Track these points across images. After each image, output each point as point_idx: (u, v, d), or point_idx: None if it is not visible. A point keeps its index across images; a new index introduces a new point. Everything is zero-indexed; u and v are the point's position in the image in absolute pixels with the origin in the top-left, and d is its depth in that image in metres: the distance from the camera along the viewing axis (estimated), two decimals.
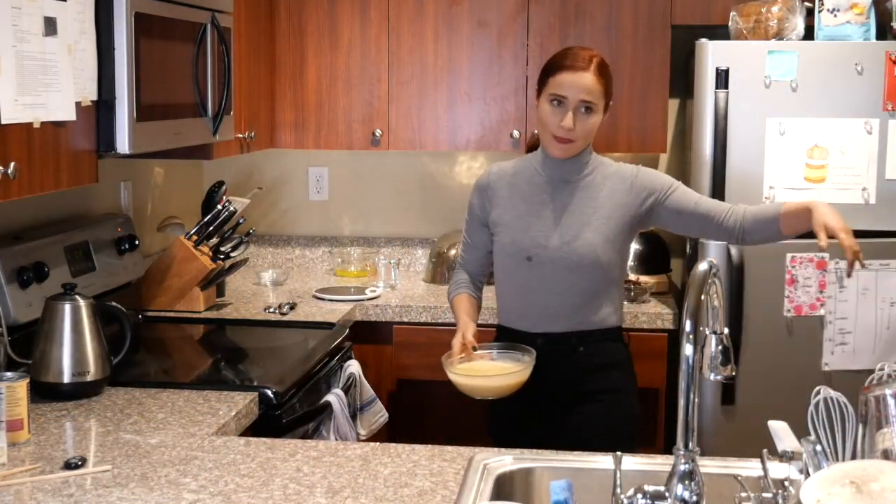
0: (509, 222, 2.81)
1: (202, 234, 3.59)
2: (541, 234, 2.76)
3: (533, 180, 2.82)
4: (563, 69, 2.71)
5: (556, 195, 2.79)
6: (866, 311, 3.49)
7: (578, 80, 2.70)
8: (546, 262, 2.74)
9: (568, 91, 2.69)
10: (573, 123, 2.68)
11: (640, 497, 1.74)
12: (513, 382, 2.60)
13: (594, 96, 2.70)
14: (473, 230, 2.92)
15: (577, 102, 2.69)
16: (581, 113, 2.70)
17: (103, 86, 2.52)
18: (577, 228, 2.74)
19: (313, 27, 4.02)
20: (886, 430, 1.75)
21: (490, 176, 2.90)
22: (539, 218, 2.78)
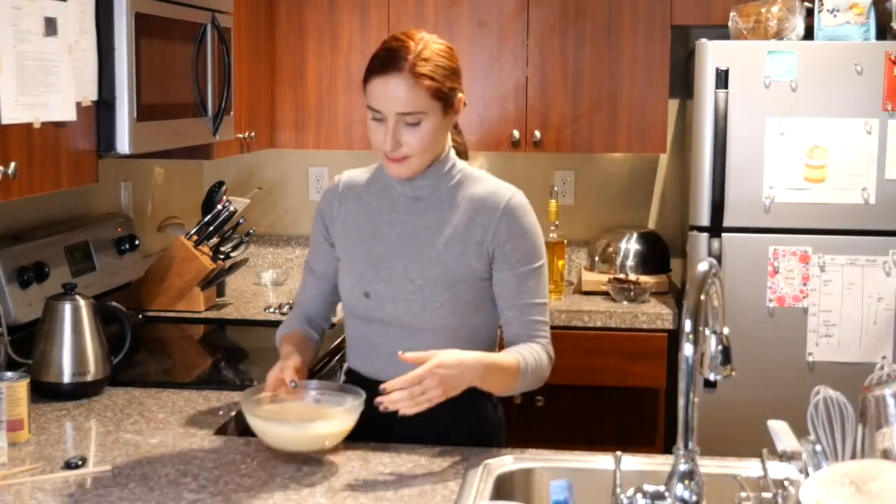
0: (349, 245, 2.32)
1: (202, 234, 3.59)
2: (381, 266, 2.26)
3: (384, 193, 2.31)
4: (375, 73, 2.16)
5: (403, 214, 2.28)
6: (852, 305, 3.50)
7: (390, 90, 2.14)
8: (387, 300, 2.25)
9: (380, 104, 2.16)
10: (396, 141, 2.16)
11: (640, 497, 1.74)
12: (327, 432, 2.08)
13: (415, 105, 2.14)
14: (317, 254, 2.39)
15: (395, 117, 2.15)
16: (405, 126, 2.16)
17: (103, 86, 2.51)
18: (424, 263, 2.23)
19: (313, 28, 4.02)
20: (886, 429, 1.76)
21: (340, 184, 2.38)
22: (382, 243, 2.28)
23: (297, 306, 2.46)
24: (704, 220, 3.58)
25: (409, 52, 2.15)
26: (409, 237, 2.26)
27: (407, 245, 2.26)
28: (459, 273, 2.23)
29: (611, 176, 4.32)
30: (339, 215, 2.34)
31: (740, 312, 3.50)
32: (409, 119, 2.15)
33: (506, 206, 2.25)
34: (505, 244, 2.24)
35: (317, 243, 2.39)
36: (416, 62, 2.14)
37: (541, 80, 3.93)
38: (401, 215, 2.28)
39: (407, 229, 2.27)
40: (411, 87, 2.13)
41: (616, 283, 3.86)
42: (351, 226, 2.32)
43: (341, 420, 2.10)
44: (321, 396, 2.21)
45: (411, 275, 2.24)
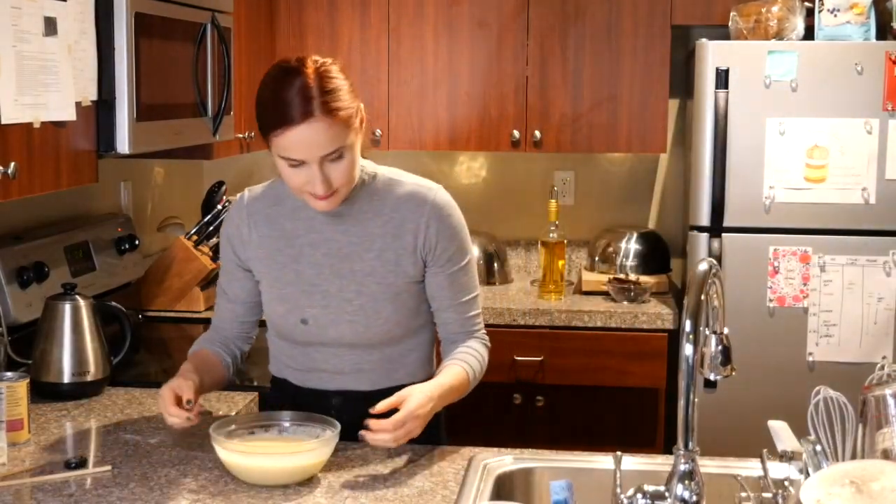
0: (272, 272, 2.21)
1: (202, 234, 3.59)
2: (315, 290, 2.18)
3: (297, 214, 2.21)
4: (285, 125, 2.01)
5: (325, 232, 2.19)
6: (852, 305, 3.50)
7: (307, 137, 2.02)
8: (328, 324, 2.19)
9: (300, 153, 2.03)
10: (327, 182, 2.06)
11: (640, 497, 1.74)
12: (308, 463, 2.00)
13: (336, 142, 2.04)
14: (228, 278, 2.28)
15: (320, 159, 2.05)
16: (329, 164, 2.06)
17: (103, 86, 2.51)
18: (360, 280, 2.17)
19: (313, 27, 4.02)
20: (886, 429, 1.75)
21: (244, 207, 2.25)
22: (311, 266, 2.19)
23: (214, 328, 2.35)
24: (704, 220, 3.58)
25: (312, 91, 2.01)
26: (336, 256, 2.18)
27: (336, 264, 2.18)
28: (399, 283, 2.18)
29: (611, 176, 4.32)
30: (252, 239, 2.22)
31: (740, 312, 3.50)
32: (331, 157, 2.05)
33: (432, 207, 2.19)
34: (436, 247, 2.19)
35: (228, 268, 2.29)
36: (325, 100, 2.02)
37: (541, 80, 3.92)
38: (322, 234, 2.19)
39: (333, 248, 2.18)
40: (328, 128, 2.02)
41: (616, 283, 3.86)
42: (269, 250, 2.21)
43: (319, 451, 2.01)
44: (289, 428, 2.11)
45: (348, 295, 2.17)
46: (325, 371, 2.24)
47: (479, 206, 4.26)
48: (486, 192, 4.32)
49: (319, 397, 2.24)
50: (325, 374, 2.25)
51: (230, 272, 2.29)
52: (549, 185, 4.16)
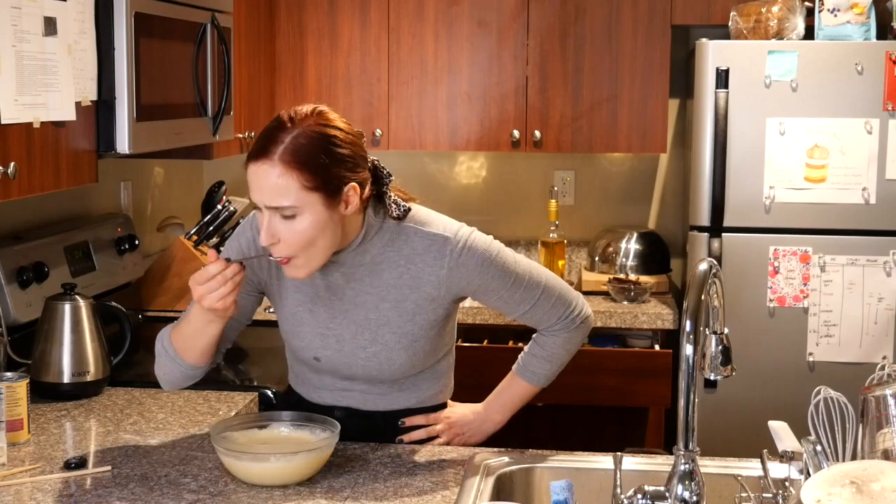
0: (289, 307, 2.17)
1: (202, 234, 3.59)
2: (329, 333, 2.14)
3: None
4: (249, 159, 1.94)
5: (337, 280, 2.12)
6: (852, 305, 3.50)
7: (257, 177, 1.93)
8: (340, 365, 2.17)
9: (253, 193, 1.95)
10: (272, 235, 1.95)
11: (640, 497, 1.74)
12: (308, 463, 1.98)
13: (285, 197, 1.91)
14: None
15: (269, 209, 1.94)
16: (280, 219, 1.94)
17: (103, 86, 2.51)
18: (374, 329, 2.12)
19: (313, 27, 4.02)
20: (887, 430, 1.75)
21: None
22: (326, 309, 2.14)
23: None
24: (704, 220, 3.58)
25: (281, 135, 1.93)
26: (351, 303, 2.12)
27: (351, 311, 2.12)
28: (416, 332, 2.14)
29: (611, 176, 4.32)
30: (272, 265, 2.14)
31: (740, 312, 3.50)
32: (284, 213, 1.93)
33: (447, 253, 2.10)
34: (468, 288, 2.14)
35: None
36: (288, 147, 1.91)
37: (541, 80, 3.92)
38: (335, 281, 2.12)
39: (349, 295, 2.12)
40: (280, 177, 1.91)
41: (616, 283, 3.86)
42: (287, 284, 2.14)
43: (320, 451, 2.00)
44: (291, 427, 2.10)
45: (362, 342, 2.14)
46: (332, 391, 2.24)
47: (479, 206, 4.26)
48: (486, 192, 4.32)
49: (322, 410, 2.20)
50: (331, 394, 2.24)
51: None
52: (549, 185, 4.16)
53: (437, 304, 2.13)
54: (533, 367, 2.31)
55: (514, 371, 2.33)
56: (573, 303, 2.26)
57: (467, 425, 2.31)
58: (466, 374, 2.41)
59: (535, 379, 2.31)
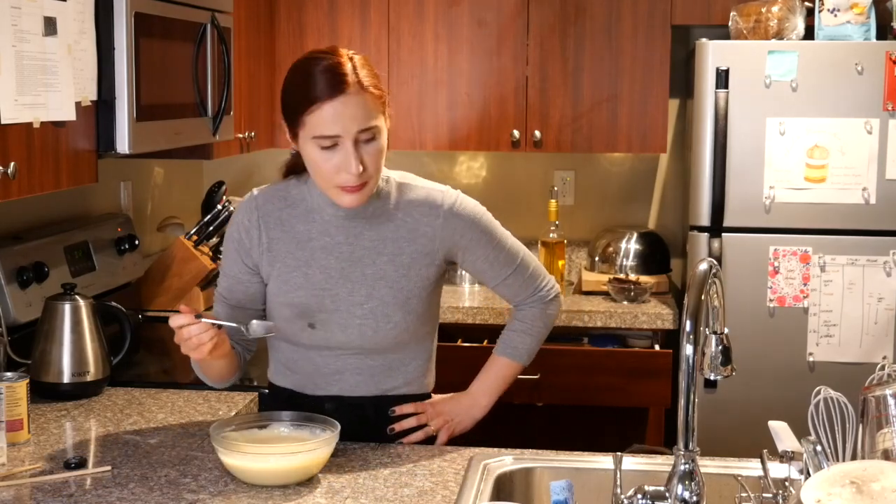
0: (282, 275, 2.18)
1: (202, 234, 3.59)
2: (325, 294, 2.16)
3: (310, 217, 2.19)
4: (321, 99, 2.03)
5: (337, 236, 2.17)
6: (852, 305, 3.50)
7: (350, 107, 2.03)
8: (335, 328, 2.17)
9: (339, 126, 2.03)
10: (361, 164, 2.04)
11: (640, 497, 1.74)
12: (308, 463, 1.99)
13: (370, 119, 2.05)
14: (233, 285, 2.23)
15: (354, 137, 2.04)
16: (363, 145, 2.05)
17: (103, 86, 2.51)
18: (370, 284, 2.16)
19: (313, 27, 4.02)
20: (887, 430, 1.75)
21: (256, 209, 2.21)
22: (321, 270, 2.17)
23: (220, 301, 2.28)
24: (704, 220, 3.58)
25: (345, 68, 2.04)
26: (348, 260, 2.17)
27: (347, 269, 2.17)
28: (410, 288, 2.18)
29: (611, 176, 4.32)
30: (263, 243, 2.19)
31: (740, 312, 3.50)
32: (365, 136, 2.04)
33: (443, 207, 2.18)
34: (459, 242, 2.21)
35: (232, 272, 2.22)
36: (358, 75, 2.04)
37: (541, 80, 3.92)
38: (335, 238, 2.17)
39: (345, 252, 2.17)
40: (364, 102, 2.04)
41: (616, 283, 3.86)
42: (279, 253, 2.18)
43: (320, 451, 2.00)
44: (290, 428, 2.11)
45: (358, 298, 2.16)
46: (323, 374, 2.23)
47: None
48: (486, 192, 4.31)
49: (313, 403, 2.22)
50: (322, 379, 2.23)
51: (234, 276, 2.23)
52: (549, 185, 4.16)
53: (431, 260, 2.19)
54: (514, 342, 2.35)
55: (496, 352, 2.37)
56: (546, 277, 2.36)
57: (455, 411, 2.32)
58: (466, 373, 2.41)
59: (516, 354, 2.35)
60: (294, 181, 2.23)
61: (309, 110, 2.04)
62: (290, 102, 2.10)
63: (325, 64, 2.06)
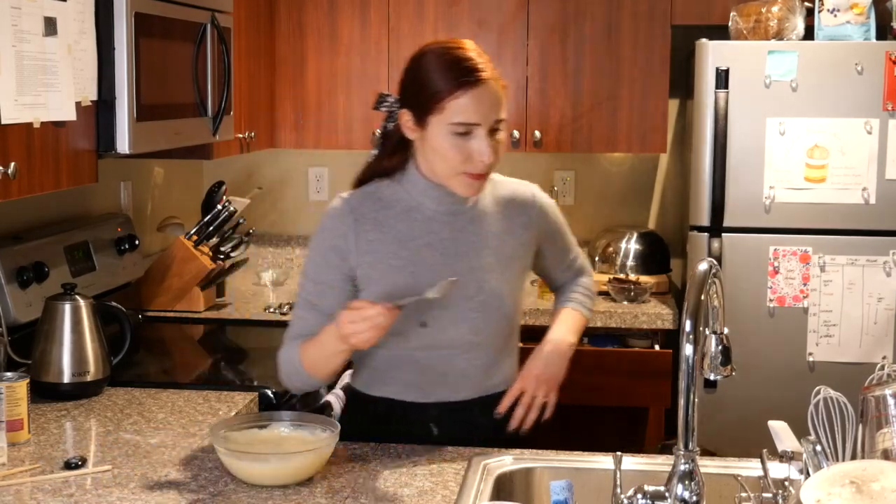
0: (386, 277, 2.14)
1: (202, 234, 3.59)
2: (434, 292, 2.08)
3: (410, 215, 2.17)
4: (465, 86, 2.06)
5: (441, 233, 2.17)
6: (852, 305, 3.50)
7: (489, 96, 2.08)
8: (448, 324, 2.16)
9: (479, 115, 2.06)
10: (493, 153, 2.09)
11: (640, 497, 1.74)
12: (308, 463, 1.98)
13: (503, 110, 2.11)
14: (327, 292, 2.17)
15: (490, 125, 2.08)
16: (493, 134, 2.10)
17: (103, 86, 2.51)
18: (479, 277, 2.16)
19: (313, 27, 4.02)
20: (886, 430, 1.75)
21: (348, 214, 2.17)
22: (428, 268, 2.15)
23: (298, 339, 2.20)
24: (704, 220, 3.58)
25: (482, 58, 2.11)
26: (453, 255, 2.17)
27: (454, 264, 2.16)
28: (513, 279, 2.24)
29: (611, 176, 4.32)
30: (361, 246, 2.15)
31: (740, 312, 3.50)
32: (497, 126, 2.10)
33: (534, 200, 2.30)
34: (545, 228, 2.32)
35: (327, 280, 2.17)
36: (491, 67, 2.11)
37: (541, 80, 3.92)
38: (439, 234, 2.17)
39: (450, 248, 2.17)
40: (499, 92, 2.10)
41: (616, 283, 3.86)
42: (381, 255, 2.15)
43: (318, 451, 1.99)
44: (291, 428, 2.10)
45: (469, 292, 2.16)
46: (428, 378, 2.20)
47: None
48: None
49: (416, 411, 2.21)
50: (426, 384, 2.20)
51: (328, 283, 2.17)
52: (550, 185, 4.16)
53: (526, 251, 2.29)
54: (578, 299, 2.44)
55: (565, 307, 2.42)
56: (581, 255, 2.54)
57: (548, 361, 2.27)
58: None
59: (584, 311, 2.44)
60: (386, 182, 2.21)
61: (453, 96, 2.06)
62: (425, 87, 2.10)
63: (464, 54, 2.10)
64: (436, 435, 2.23)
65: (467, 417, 2.24)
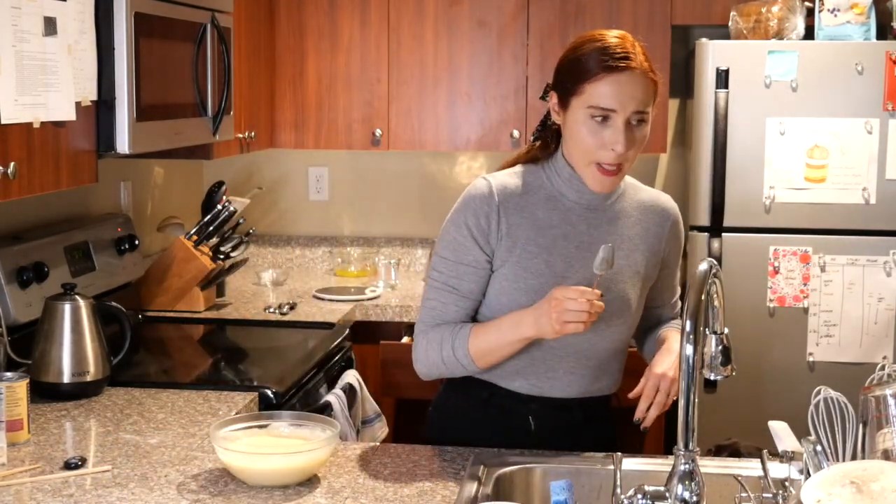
0: (521, 261, 2.13)
1: (202, 234, 3.59)
2: (564, 282, 2.10)
3: (551, 204, 2.16)
4: (608, 70, 2.04)
5: (579, 225, 2.16)
6: (852, 305, 3.50)
7: (631, 86, 2.05)
8: None
9: (617, 101, 2.04)
10: (630, 142, 2.06)
11: (640, 497, 1.74)
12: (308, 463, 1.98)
13: (646, 103, 2.08)
14: (467, 273, 2.14)
15: (631, 115, 2.06)
16: (632, 127, 2.07)
17: (103, 86, 2.51)
18: (609, 275, 2.10)
19: (313, 27, 4.02)
20: (887, 430, 1.75)
21: (494, 195, 2.14)
22: (562, 258, 2.13)
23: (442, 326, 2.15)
24: (704, 220, 3.58)
25: (636, 48, 2.08)
26: (588, 250, 2.13)
27: (587, 258, 2.12)
28: (639, 285, 2.20)
29: None
30: (502, 229, 2.12)
31: (740, 312, 3.50)
32: (637, 118, 2.06)
33: (673, 214, 2.26)
34: (672, 250, 2.27)
35: (467, 261, 2.13)
36: (642, 58, 2.07)
37: (541, 80, 3.92)
38: (576, 227, 2.15)
39: (585, 242, 2.15)
40: (646, 86, 2.07)
41: None
42: (520, 240, 2.12)
43: (316, 452, 1.98)
44: (289, 427, 2.09)
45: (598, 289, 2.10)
46: (537, 371, 2.17)
47: None
48: None
49: (517, 401, 2.19)
50: (534, 376, 2.17)
51: (468, 265, 2.13)
52: None
53: (654, 263, 2.23)
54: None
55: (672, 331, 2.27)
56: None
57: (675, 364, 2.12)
58: None
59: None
60: (530, 167, 2.19)
61: (594, 78, 2.04)
62: (572, 69, 2.08)
63: (616, 41, 2.07)
64: (532, 430, 2.19)
65: (567, 417, 2.21)
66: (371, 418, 3.21)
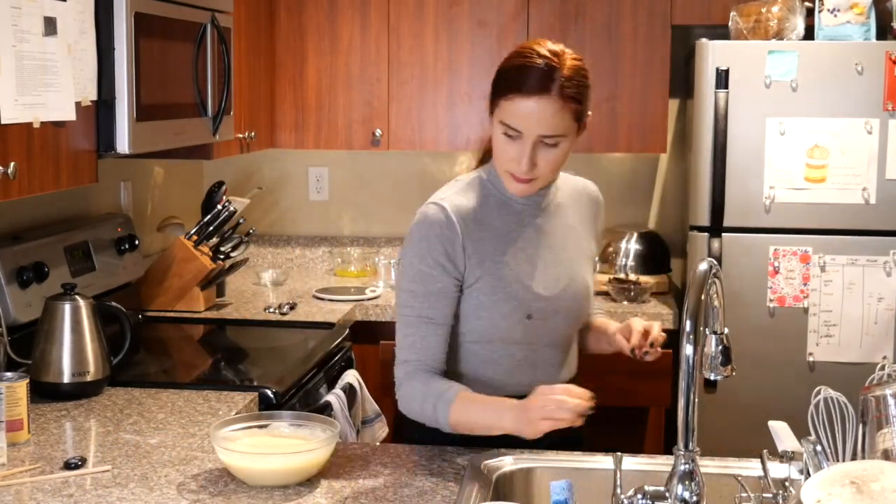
0: (493, 272, 2.16)
1: (202, 234, 3.59)
2: (537, 284, 2.18)
3: (504, 210, 2.21)
4: (519, 93, 2.06)
5: (532, 225, 2.23)
6: (852, 305, 3.50)
7: (536, 111, 2.06)
8: (549, 315, 2.21)
9: (522, 124, 2.07)
10: (532, 163, 2.10)
11: (640, 497, 1.74)
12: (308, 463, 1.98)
13: (558, 128, 2.09)
14: (438, 302, 2.14)
15: (536, 139, 2.09)
16: (543, 147, 2.10)
17: (103, 86, 2.52)
18: (567, 267, 2.23)
19: (313, 27, 4.02)
20: (887, 430, 1.75)
21: (451, 217, 2.15)
22: (527, 260, 2.20)
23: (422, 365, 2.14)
24: (704, 220, 3.58)
25: (556, 72, 2.06)
26: (547, 247, 2.22)
27: (547, 255, 2.22)
28: (589, 270, 2.31)
29: (611, 176, 4.32)
30: (468, 249, 2.15)
31: (740, 312, 3.50)
32: (548, 141, 2.09)
33: (600, 198, 2.41)
34: (600, 233, 2.40)
35: (436, 289, 2.14)
36: (564, 84, 2.06)
37: None
38: (532, 226, 2.22)
39: (542, 240, 2.23)
40: (558, 111, 2.07)
41: (616, 283, 3.86)
42: (487, 253, 2.16)
43: (316, 452, 1.98)
44: (289, 427, 2.09)
45: (563, 282, 2.23)
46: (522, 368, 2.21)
47: None
48: None
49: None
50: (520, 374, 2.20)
51: (441, 294, 2.14)
52: None
53: (596, 243, 2.37)
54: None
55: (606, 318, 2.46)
56: None
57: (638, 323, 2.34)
58: None
59: None
60: (473, 178, 2.24)
61: (507, 97, 2.08)
62: (497, 80, 2.13)
63: (541, 63, 2.07)
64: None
65: None
66: (371, 418, 3.21)
